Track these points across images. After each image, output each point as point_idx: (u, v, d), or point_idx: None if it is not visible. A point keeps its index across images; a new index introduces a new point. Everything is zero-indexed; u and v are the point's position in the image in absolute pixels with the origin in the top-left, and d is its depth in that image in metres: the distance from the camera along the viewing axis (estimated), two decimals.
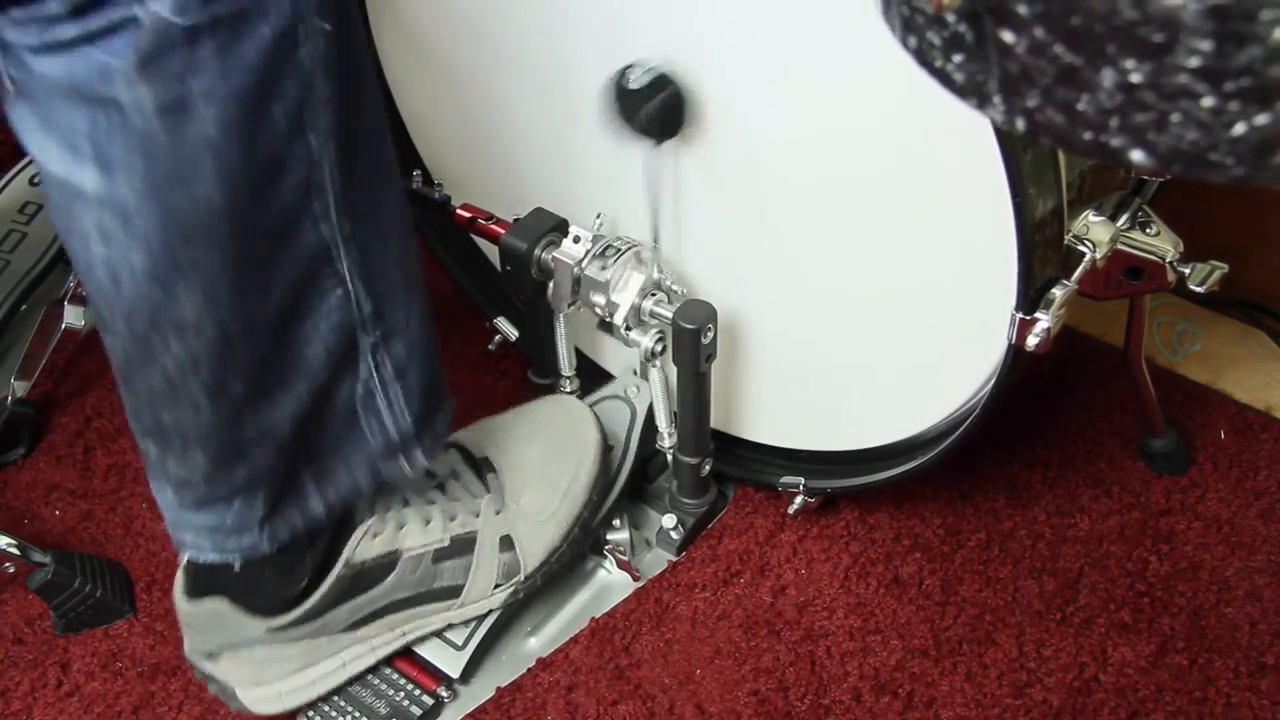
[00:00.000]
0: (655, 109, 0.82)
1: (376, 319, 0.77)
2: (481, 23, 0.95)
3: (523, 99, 0.97)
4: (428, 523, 0.90)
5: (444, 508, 0.91)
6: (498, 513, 0.92)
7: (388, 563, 0.88)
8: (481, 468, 0.95)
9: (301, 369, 0.75)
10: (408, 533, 0.89)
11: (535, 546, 0.93)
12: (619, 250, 0.92)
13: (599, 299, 0.93)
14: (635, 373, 1.03)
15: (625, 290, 0.92)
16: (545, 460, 0.95)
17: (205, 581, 0.85)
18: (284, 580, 0.85)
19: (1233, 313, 1.16)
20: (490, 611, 0.94)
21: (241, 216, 0.67)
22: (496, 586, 0.93)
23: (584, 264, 0.92)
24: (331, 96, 0.68)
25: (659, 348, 0.93)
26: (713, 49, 0.81)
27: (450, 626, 0.94)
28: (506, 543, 0.92)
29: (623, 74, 0.83)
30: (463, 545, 0.91)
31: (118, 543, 1.07)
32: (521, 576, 0.93)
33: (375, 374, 0.79)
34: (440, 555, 0.90)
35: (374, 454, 0.83)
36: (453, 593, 0.91)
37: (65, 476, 1.12)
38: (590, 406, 1.00)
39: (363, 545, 0.87)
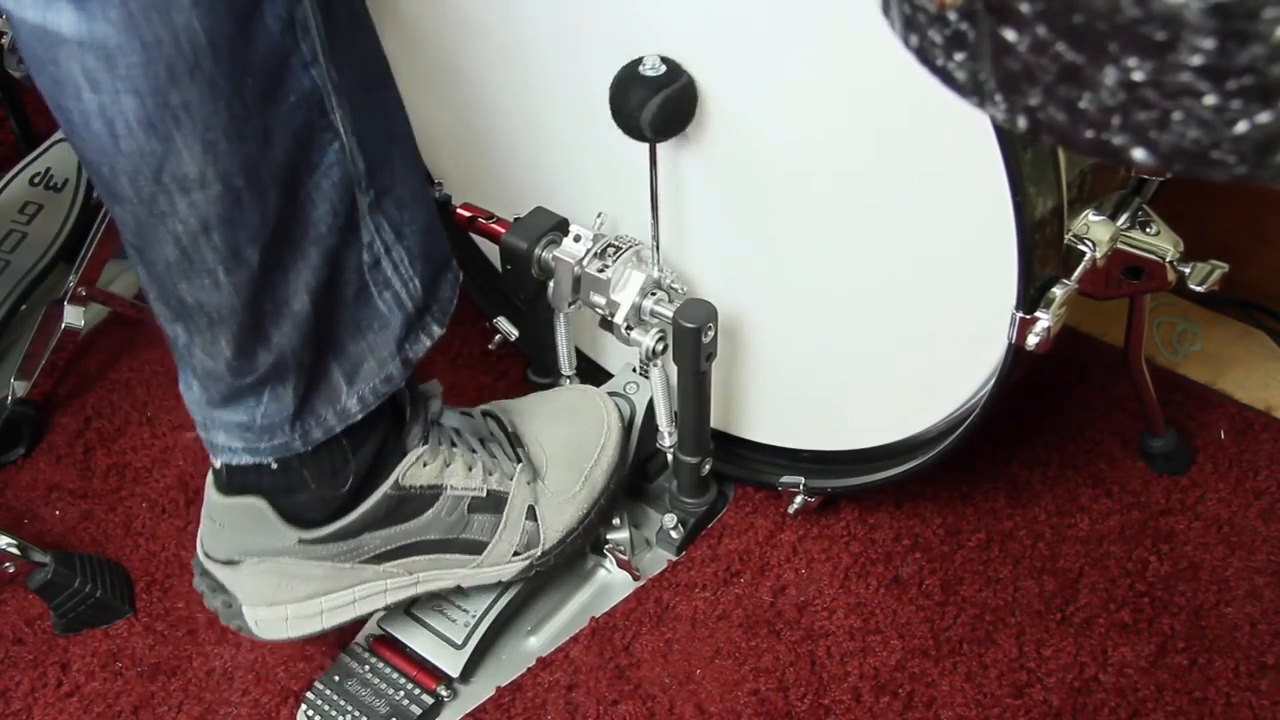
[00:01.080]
0: (661, 105, 0.81)
1: (369, 177, 0.76)
2: (481, 22, 0.95)
3: (523, 98, 0.97)
4: (470, 469, 0.90)
5: (485, 460, 0.91)
6: (529, 482, 0.93)
7: (431, 495, 0.88)
8: (513, 440, 0.95)
9: (310, 232, 0.75)
10: (454, 471, 0.89)
11: (556, 524, 0.93)
12: (619, 249, 0.92)
13: (599, 298, 0.93)
14: (635, 370, 1.03)
15: (626, 289, 0.92)
16: (569, 444, 0.95)
17: (240, 480, 0.83)
18: (324, 485, 0.84)
19: (1233, 313, 1.16)
20: (490, 609, 0.94)
21: (228, 52, 0.66)
22: (515, 554, 0.93)
23: (584, 263, 0.92)
24: None
25: (660, 347, 0.93)
26: (714, 48, 0.81)
27: (450, 625, 0.94)
28: (531, 513, 0.93)
29: (635, 65, 0.82)
30: (496, 502, 0.91)
31: (118, 543, 1.07)
32: (539, 551, 0.93)
33: (377, 237, 0.78)
34: (475, 505, 0.90)
35: (396, 333, 0.82)
36: (476, 548, 0.91)
37: (65, 476, 1.12)
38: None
39: (413, 470, 0.87)
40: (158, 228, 0.71)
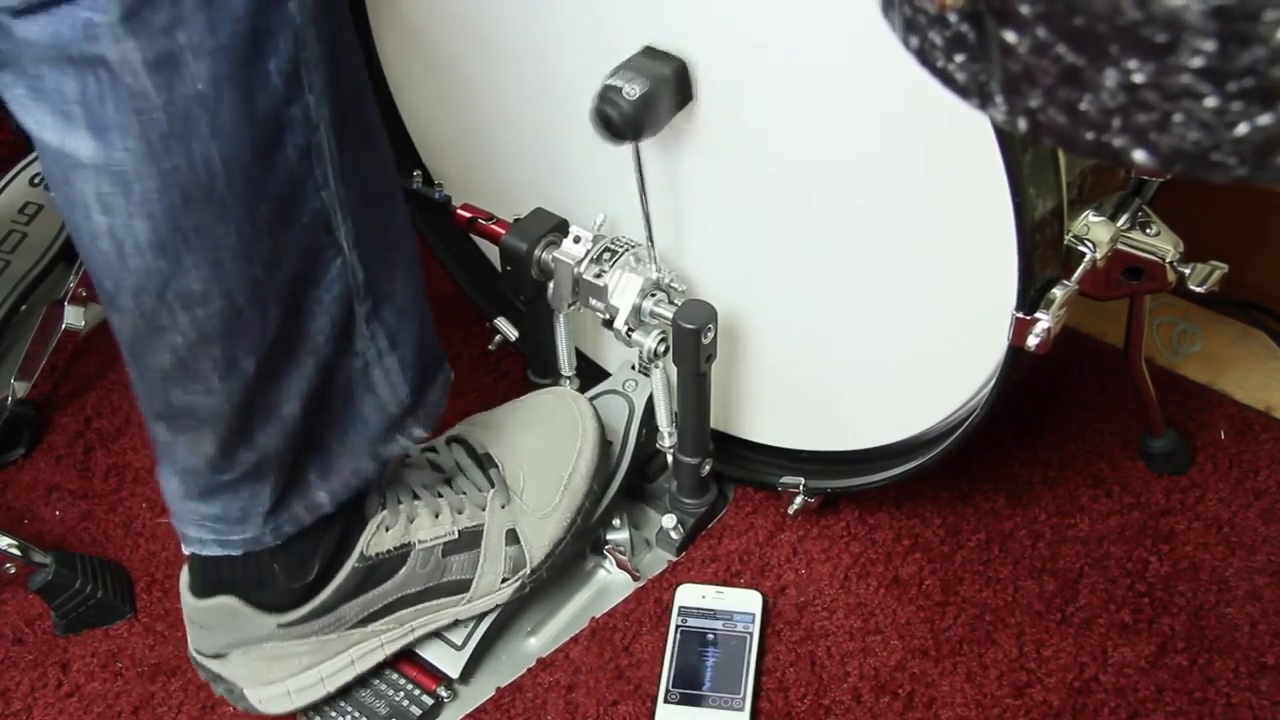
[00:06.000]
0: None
1: (368, 287, 0.76)
2: (482, 23, 0.95)
3: (523, 99, 0.97)
4: (437, 515, 0.90)
5: (451, 501, 0.91)
6: (503, 506, 0.92)
7: (400, 555, 0.88)
8: (484, 463, 0.95)
9: (308, 343, 0.75)
10: (418, 525, 0.89)
11: (540, 540, 0.93)
12: (616, 252, 0.92)
13: (598, 302, 0.93)
14: (633, 368, 1.03)
15: (625, 292, 0.92)
16: (545, 453, 0.95)
17: (213, 579, 0.85)
18: (292, 575, 0.85)
19: (1233, 313, 1.16)
20: (490, 610, 0.94)
21: (244, 180, 0.66)
22: (504, 580, 0.93)
23: (584, 264, 0.92)
24: (323, 55, 0.67)
25: (661, 348, 0.93)
26: (715, 48, 0.81)
27: (451, 626, 0.94)
28: (512, 536, 0.92)
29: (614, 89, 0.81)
30: (471, 538, 0.91)
31: (118, 543, 1.07)
32: (528, 570, 0.93)
33: (371, 344, 0.79)
34: (449, 549, 0.90)
35: (373, 434, 0.82)
36: (462, 586, 0.91)
37: (65, 476, 1.12)
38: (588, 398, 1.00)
39: (376, 538, 0.87)
40: (156, 339, 0.71)
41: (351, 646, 0.90)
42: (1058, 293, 0.78)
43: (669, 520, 1.01)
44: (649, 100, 0.81)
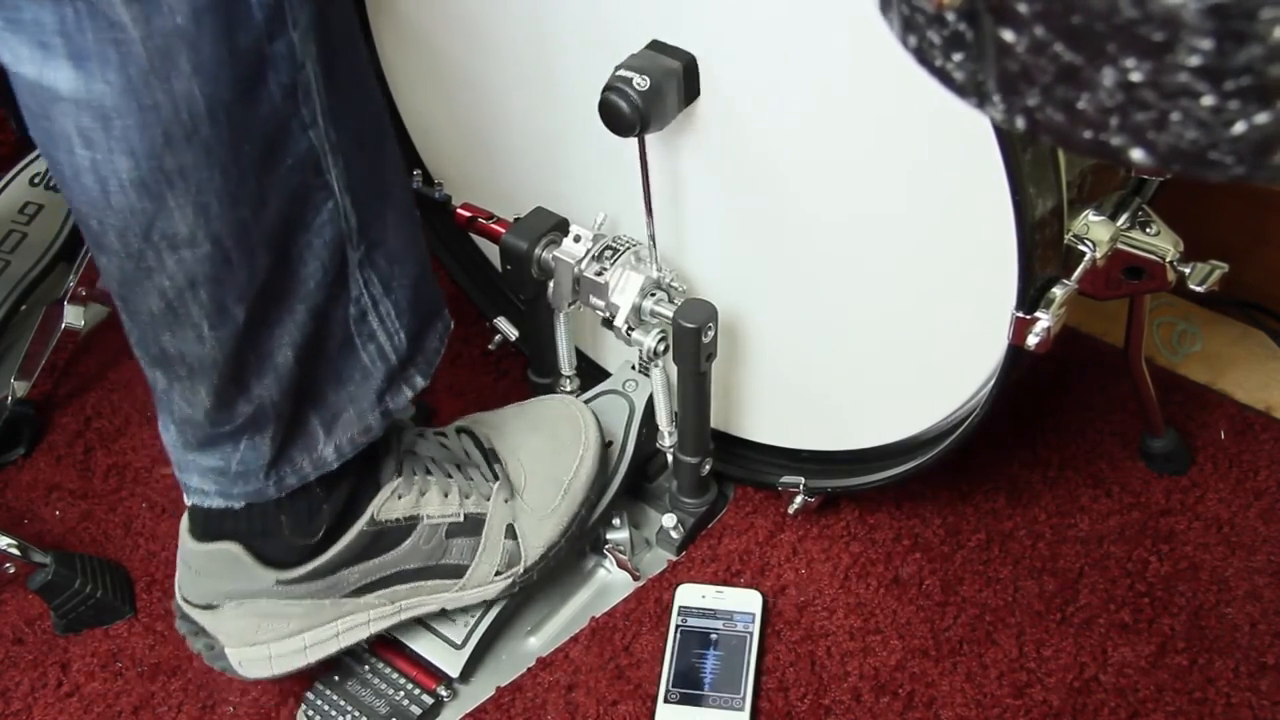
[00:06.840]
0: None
1: (361, 231, 0.76)
2: (481, 22, 0.95)
3: (523, 98, 0.97)
4: (446, 494, 0.90)
5: (460, 484, 0.91)
6: (506, 500, 0.92)
7: (407, 526, 0.88)
8: (490, 456, 0.94)
9: (299, 289, 0.74)
10: (428, 500, 0.89)
11: (536, 540, 0.93)
12: (617, 250, 0.92)
13: (599, 300, 0.93)
14: (633, 368, 1.03)
15: (625, 291, 0.92)
16: (546, 456, 0.95)
17: (216, 525, 0.84)
18: (299, 531, 0.84)
19: (1233, 313, 1.16)
20: (490, 610, 0.94)
21: (227, 119, 0.66)
22: (497, 574, 0.92)
23: (584, 263, 0.92)
24: None
25: (661, 347, 0.93)
26: (715, 47, 0.81)
27: (451, 625, 0.94)
28: (511, 531, 0.92)
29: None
30: (474, 524, 0.91)
31: (118, 543, 1.07)
32: (521, 568, 0.93)
33: (365, 291, 0.78)
34: (453, 530, 0.90)
35: (377, 385, 0.82)
36: (457, 572, 0.91)
37: (65, 476, 1.12)
38: (589, 404, 1.00)
39: (388, 504, 0.87)
40: (144, 281, 0.71)
41: (341, 617, 0.89)
42: (1058, 292, 0.78)
43: (669, 520, 1.01)
44: (658, 92, 0.81)
